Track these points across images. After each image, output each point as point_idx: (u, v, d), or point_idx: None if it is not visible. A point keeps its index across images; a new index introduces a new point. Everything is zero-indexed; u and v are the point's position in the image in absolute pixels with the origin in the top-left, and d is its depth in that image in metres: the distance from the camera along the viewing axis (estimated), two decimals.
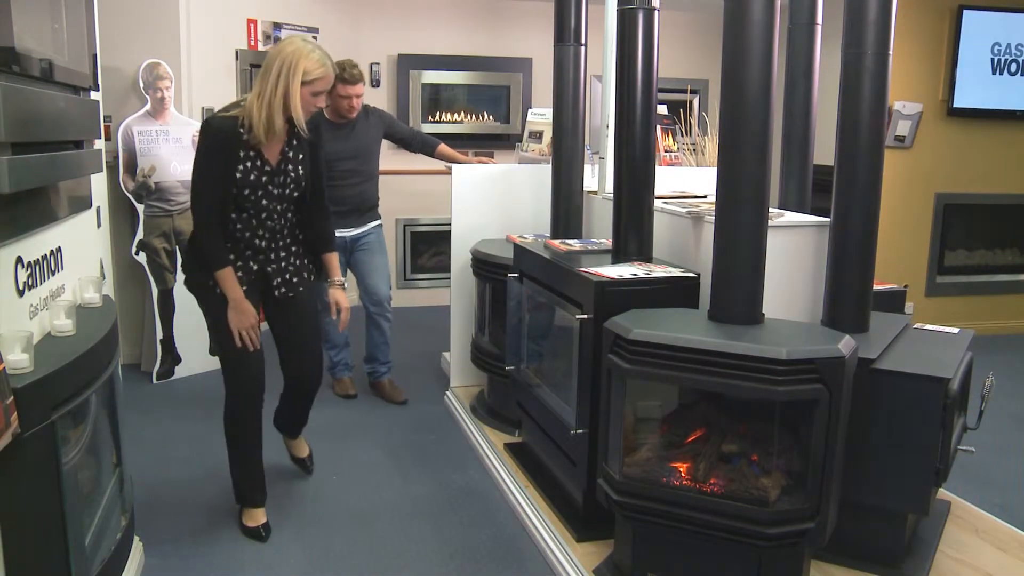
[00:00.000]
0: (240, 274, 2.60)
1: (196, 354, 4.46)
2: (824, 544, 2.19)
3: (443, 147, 4.17)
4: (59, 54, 2.04)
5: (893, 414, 2.30)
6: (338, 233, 3.60)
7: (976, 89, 5.32)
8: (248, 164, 2.51)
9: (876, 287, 2.63)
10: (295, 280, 2.73)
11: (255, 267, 2.65)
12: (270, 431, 2.93)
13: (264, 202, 2.57)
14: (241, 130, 2.48)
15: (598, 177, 3.68)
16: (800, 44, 3.05)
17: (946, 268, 5.64)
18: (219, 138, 2.48)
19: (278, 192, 2.59)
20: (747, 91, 2.19)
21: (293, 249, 2.74)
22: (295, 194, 2.64)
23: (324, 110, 3.75)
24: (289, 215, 2.68)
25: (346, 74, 3.66)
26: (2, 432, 1.57)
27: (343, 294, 2.82)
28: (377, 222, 4.09)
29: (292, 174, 2.60)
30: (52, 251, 2.07)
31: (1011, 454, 3.62)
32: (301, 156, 2.63)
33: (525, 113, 5.51)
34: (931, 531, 2.66)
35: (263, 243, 2.64)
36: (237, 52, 4.93)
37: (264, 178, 2.54)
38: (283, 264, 2.70)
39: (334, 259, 2.82)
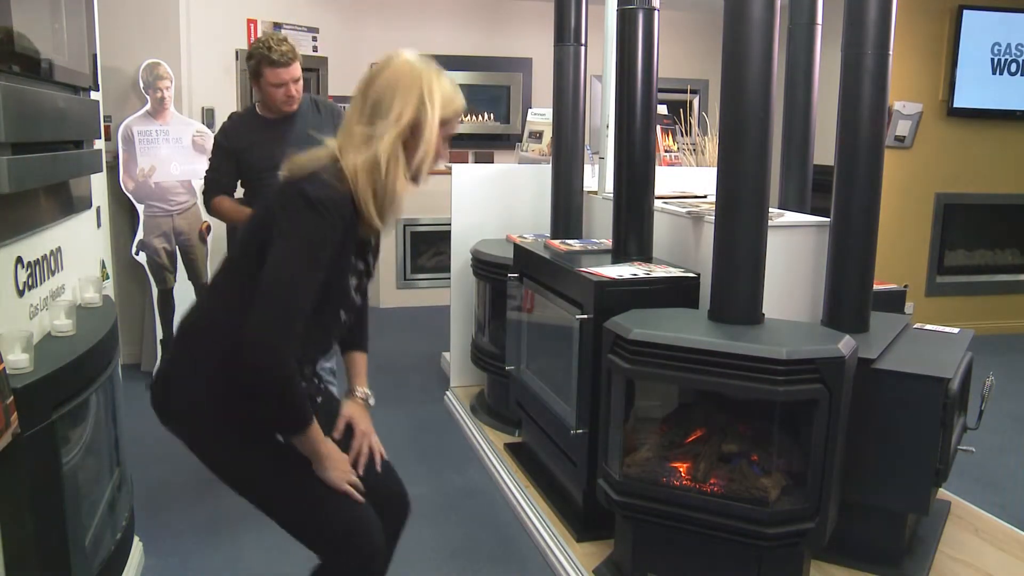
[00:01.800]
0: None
1: None
2: (824, 544, 2.19)
3: None
4: (59, 54, 2.04)
5: (893, 414, 2.30)
6: None
7: (976, 89, 5.32)
8: (355, 249, 1.67)
9: (876, 287, 2.63)
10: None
11: (317, 383, 1.82)
12: None
13: (352, 296, 1.72)
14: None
15: (598, 177, 3.68)
16: (800, 44, 3.05)
17: (946, 268, 5.64)
18: (345, 222, 1.54)
19: (368, 276, 1.76)
20: (747, 91, 2.19)
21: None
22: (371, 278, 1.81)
23: (255, 104, 2.99)
24: None
25: (274, 53, 2.72)
26: (2, 432, 1.56)
27: (365, 414, 1.89)
28: None
29: (377, 248, 1.79)
30: (52, 251, 2.07)
31: (1011, 454, 3.62)
32: None
33: (525, 113, 5.51)
34: (931, 531, 2.66)
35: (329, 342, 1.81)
36: (237, 52, 4.93)
37: (360, 263, 1.71)
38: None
39: (363, 362, 1.92)
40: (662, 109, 3.96)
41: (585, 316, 2.52)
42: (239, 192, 3.03)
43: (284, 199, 1.53)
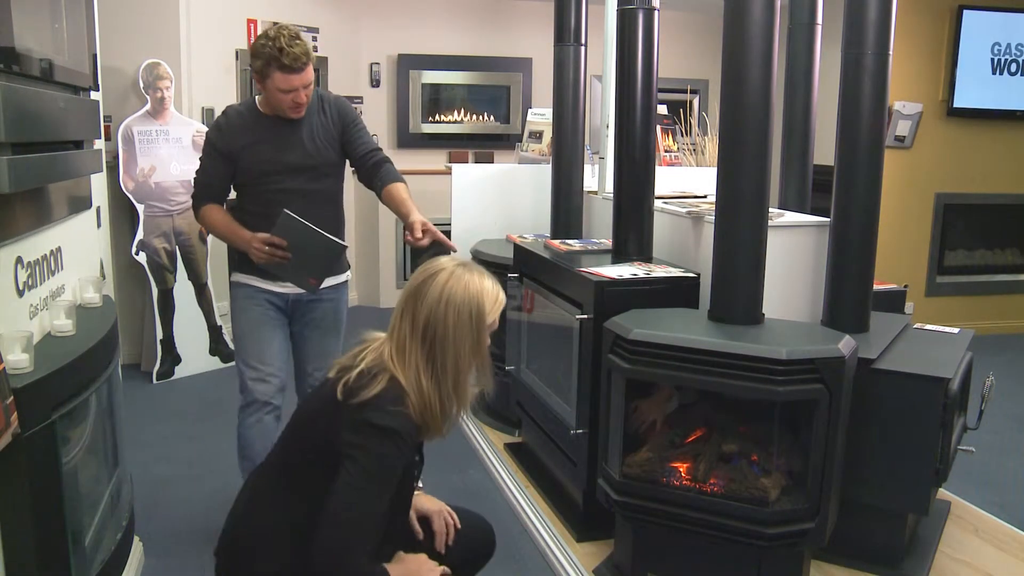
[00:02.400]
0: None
1: (196, 354, 4.46)
2: (824, 544, 2.19)
3: (398, 189, 2.60)
4: (59, 54, 2.04)
5: (893, 414, 2.30)
6: (273, 288, 2.59)
7: (976, 89, 5.32)
8: (416, 459, 1.81)
9: (876, 287, 2.64)
10: None
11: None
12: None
13: (415, 484, 1.86)
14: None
15: (598, 177, 3.68)
16: (800, 44, 3.05)
17: (946, 268, 5.64)
18: (411, 447, 1.66)
19: (423, 463, 1.90)
20: (747, 91, 2.19)
21: None
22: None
23: (255, 99, 2.63)
24: None
25: (285, 57, 2.36)
26: (2, 432, 1.56)
27: (425, 496, 2.00)
28: (341, 278, 2.72)
29: None
30: (52, 251, 2.07)
31: (1011, 454, 3.62)
32: None
33: (525, 113, 5.51)
34: (931, 531, 2.66)
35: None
36: (237, 52, 4.93)
37: (417, 455, 1.84)
38: None
39: None
40: (662, 109, 3.96)
41: (585, 316, 2.52)
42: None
43: (353, 428, 1.57)
